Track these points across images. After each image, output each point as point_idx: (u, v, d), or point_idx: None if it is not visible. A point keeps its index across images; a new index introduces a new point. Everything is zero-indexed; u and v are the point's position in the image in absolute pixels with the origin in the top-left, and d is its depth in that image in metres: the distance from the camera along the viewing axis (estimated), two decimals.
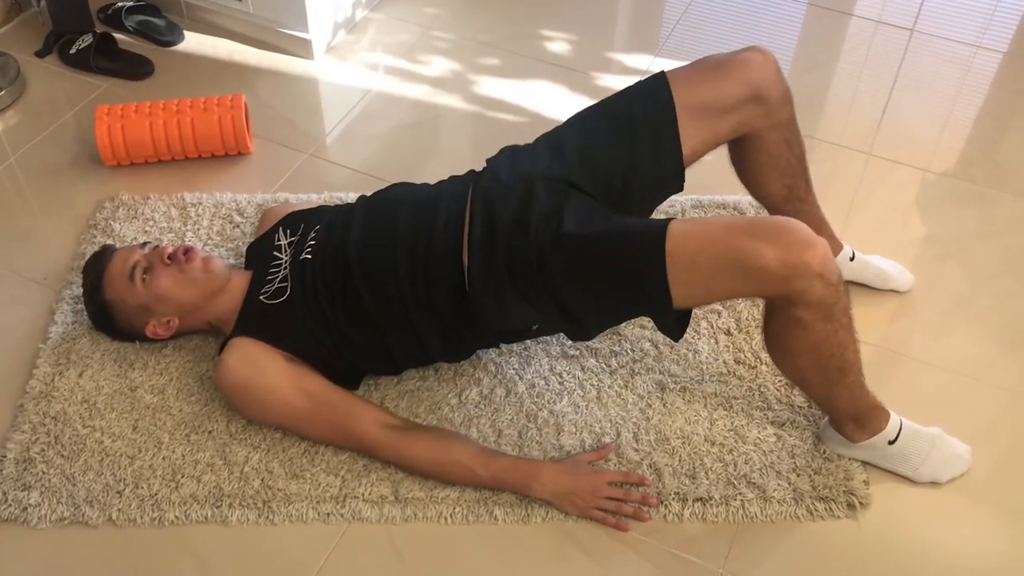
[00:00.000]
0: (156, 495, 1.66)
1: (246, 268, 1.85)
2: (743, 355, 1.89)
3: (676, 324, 1.54)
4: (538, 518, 1.65)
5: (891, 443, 1.67)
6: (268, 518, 1.65)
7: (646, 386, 1.84)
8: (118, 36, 2.64)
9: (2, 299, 2.01)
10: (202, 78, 2.59)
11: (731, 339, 1.92)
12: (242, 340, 1.69)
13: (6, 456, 1.71)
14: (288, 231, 1.82)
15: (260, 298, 1.73)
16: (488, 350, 1.87)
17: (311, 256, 1.72)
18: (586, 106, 1.75)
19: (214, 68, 2.63)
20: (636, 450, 1.73)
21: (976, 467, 1.72)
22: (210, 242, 2.11)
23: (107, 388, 1.82)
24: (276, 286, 1.73)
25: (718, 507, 1.66)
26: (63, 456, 1.71)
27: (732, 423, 1.78)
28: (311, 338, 1.69)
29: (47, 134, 2.41)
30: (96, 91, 2.53)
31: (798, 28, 2.87)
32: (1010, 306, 2.02)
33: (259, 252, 1.84)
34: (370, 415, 1.69)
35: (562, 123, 1.74)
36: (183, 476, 1.69)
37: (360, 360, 1.76)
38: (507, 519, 1.64)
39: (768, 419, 1.78)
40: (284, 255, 1.77)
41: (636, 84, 1.73)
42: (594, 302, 1.55)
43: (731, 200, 2.20)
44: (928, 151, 2.39)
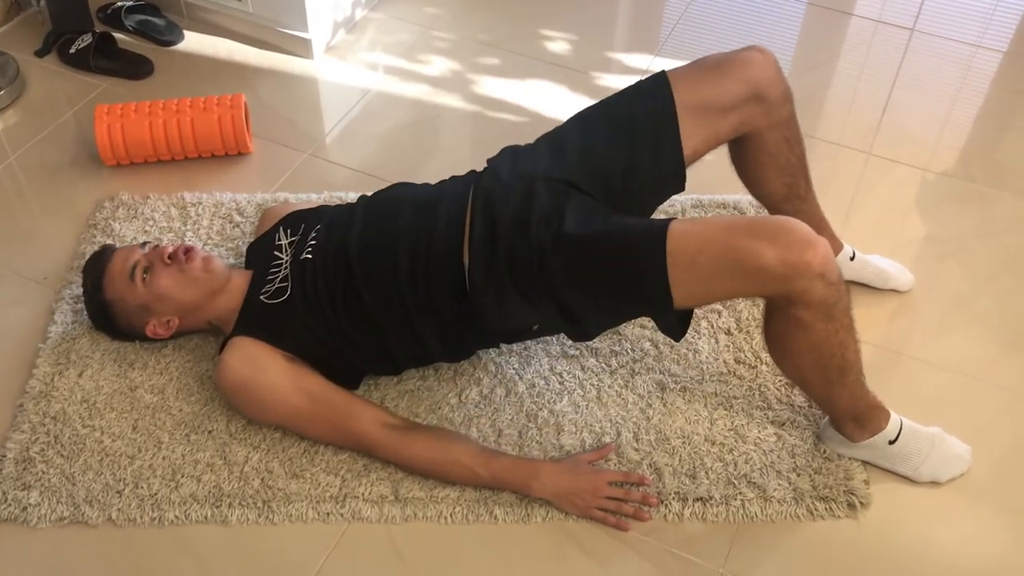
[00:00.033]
0: (156, 495, 1.66)
1: (246, 268, 1.85)
2: (743, 355, 1.89)
3: (677, 324, 1.54)
4: (538, 518, 1.65)
5: (891, 443, 1.67)
6: (268, 518, 1.65)
7: (646, 386, 1.84)
8: (118, 36, 2.64)
9: (2, 299, 2.01)
10: (202, 78, 2.59)
11: (731, 339, 1.92)
12: (242, 340, 1.68)
13: (6, 456, 1.71)
14: (289, 231, 1.82)
15: (260, 298, 1.73)
16: (488, 350, 1.87)
17: (312, 256, 1.72)
18: (586, 106, 1.75)
19: (214, 68, 2.63)
20: (636, 450, 1.73)
21: (976, 467, 1.72)
22: (210, 242, 2.11)
23: (107, 388, 1.82)
24: (277, 286, 1.73)
25: (718, 507, 1.66)
26: (63, 456, 1.71)
27: (732, 423, 1.78)
28: (311, 338, 1.69)
29: (47, 134, 2.41)
30: (96, 91, 2.53)
31: (798, 27, 2.87)
32: (1010, 306, 2.02)
33: (259, 252, 1.84)
34: (370, 415, 1.68)
35: (563, 123, 1.74)
36: (183, 476, 1.69)
37: (360, 360, 1.75)
38: (507, 519, 1.64)
39: (768, 419, 1.78)
40: (285, 255, 1.77)
41: (636, 84, 1.72)
42: (594, 302, 1.55)
43: (731, 199, 2.20)
44: (928, 150, 2.39)
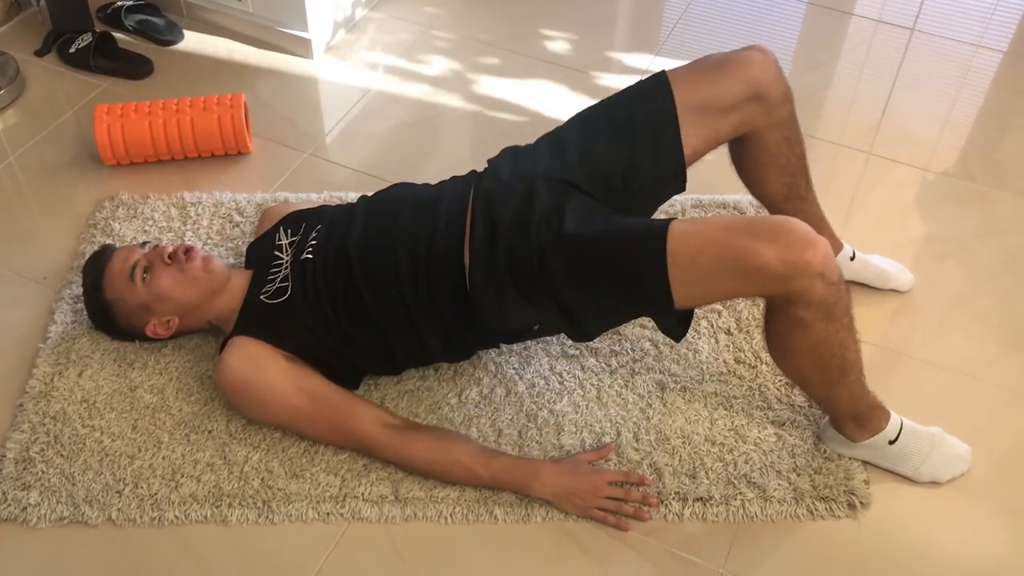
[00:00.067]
0: (156, 495, 1.66)
1: (246, 268, 1.85)
2: (743, 355, 1.89)
3: (677, 324, 1.54)
4: (538, 518, 1.65)
5: (891, 443, 1.67)
6: (268, 518, 1.64)
7: (646, 386, 1.83)
8: (117, 35, 2.64)
9: (2, 299, 2.01)
10: (202, 77, 2.59)
11: (731, 339, 1.92)
12: (242, 339, 1.68)
13: (6, 456, 1.71)
14: (289, 231, 1.82)
15: (261, 298, 1.73)
16: (488, 350, 1.87)
17: (312, 256, 1.72)
18: (587, 106, 1.75)
19: (214, 67, 2.62)
20: (636, 450, 1.73)
21: (976, 467, 1.72)
22: (210, 241, 2.11)
23: (107, 388, 1.82)
24: (277, 286, 1.73)
25: (718, 507, 1.66)
26: (63, 456, 1.71)
27: (732, 423, 1.77)
28: (312, 338, 1.69)
29: (46, 133, 2.41)
30: (95, 90, 2.53)
31: (798, 27, 2.87)
32: (1010, 305, 2.02)
33: (259, 252, 1.84)
34: (370, 415, 1.68)
35: (563, 123, 1.74)
36: (183, 476, 1.69)
37: (361, 360, 1.75)
38: (507, 519, 1.64)
39: (768, 419, 1.78)
40: (285, 255, 1.77)
41: (637, 84, 1.72)
42: (595, 302, 1.54)
43: (731, 199, 2.20)
44: (928, 150, 2.39)
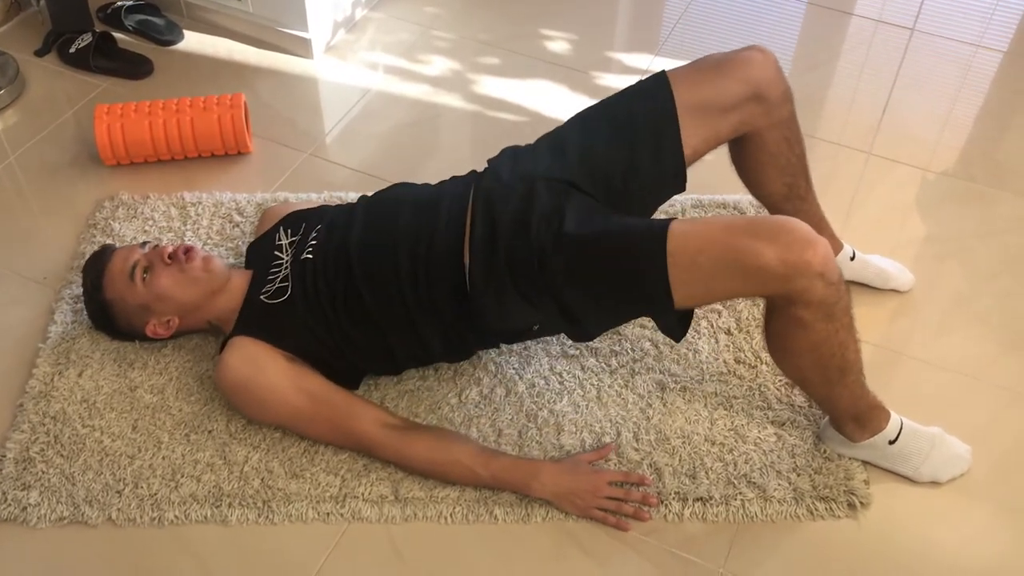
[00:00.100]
0: (156, 495, 1.66)
1: (246, 267, 1.85)
2: (743, 355, 1.89)
3: (678, 325, 1.54)
4: (538, 518, 1.64)
5: (891, 443, 1.67)
6: (268, 518, 1.64)
7: (646, 386, 1.83)
8: (117, 35, 2.64)
9: (2, 299, 2.01)
10: (202, 77, 2.59)
11: (731, 339, 1.92)
12: (242, 339, 1.68)
13: (6, 456, 1.71)
14: (289, 231, 1.82)
15: (261, 297, 1.73)
16: (488, 350, 1.87)
17: (312, 256, 1.72)
18: (587, 106, 1.75)
19: (214, 67, 2.62)
20: (636, 450, 1.73)
21: (976, 467, 1.72)
22: (210, 241, 2.11)
23: (107, 388, 1.82)
24: (277, 285, 1.73)
25: (718, 507, 1.66)
26: (63, 456, 1.71)
27: (732, 423, 1.77)
28: (312, 338, 1.69)
29: (46, 133, 2.41)
30: (95, 90, 2.53)
31: (798, 27, 2.87)
32: (1010, 305, 2.02)
33: (259, 252, 1.84)
34: (370, 414, 1.68)
35: (563, 123, 1.74)
36: (183, 476, 1.69)
37: (361, 360, 1.75)
38: (507, 519, 1.64)
39: (768, 419, 1.78)
40: (285, 255, 1.77)
41: (637, 84, 1.72)
42: (595, 302, 1.54)
43: (731, 199, 2.20)
44: (928, 150, 2.39)
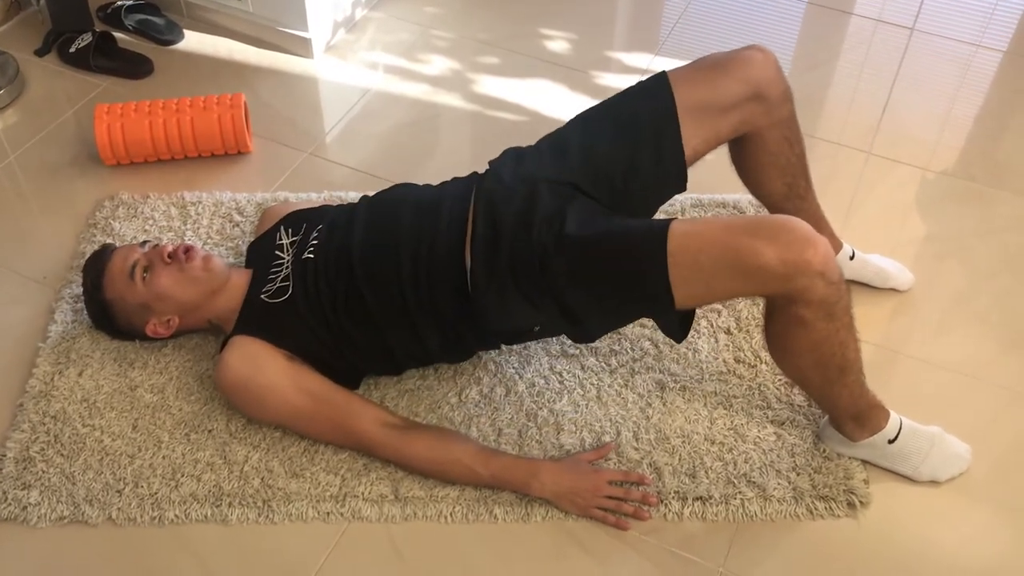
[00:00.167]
0: (156, 494, 1.66)
1: (247, 267, 1.85)
2: (743, 354, 1.89)
3: (679, 326, 1.54)
4: (538, 517, 1.65)
5: (891, 442, 1.67)
6: (268, 517, 1.65)
7: (646, 385, 1.84)
8: (117, 35, 2.64)
9: (2, 298, 2.01)
10: (202, 77, 2.59)
11: (731, 338, 1.92)
12: (243, 339, 1.68)
13: (6, 455, 1.71)
14: (290, 230, 1.82)
15: (261, 297, 1.73)
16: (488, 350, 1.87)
17: (314, 256, 1.72)
18: (587, 106, 1.75)
19: (214, 67, 2.63)
20: (636, 449, 1.73)
21: (976, 466, 1.72)
22: (210, 241, 2.11)
23: (107, 387, 1.82)
24: (278, 285, 1.73)
25: (718, 506, 1.66)
26: (63, 455, 1.71)
27: (732, 422, 1.78)
28: (312, 337, 1.69)
29: (46, 133, 2.41)
30: (96, 90, 2.53)
31: (798, 27, 2.87)
32: (1010, 304, 2.02)
33: (260, 251, 1.84)
34: (370, 414, 1.68)
35: (564, 124, 1.74)
36: (183, 475, 1.69)
37: (361, 360, 1.75)
38: (507, 518, 1.64)
39: (768, 418, 1.78)
40: (286, 254, 1.77)
41: (637, 84, 1.72)
42: (596, 303, 1.54)
43: (731, 199, 2.20)
44: (928, 150, 2.39)
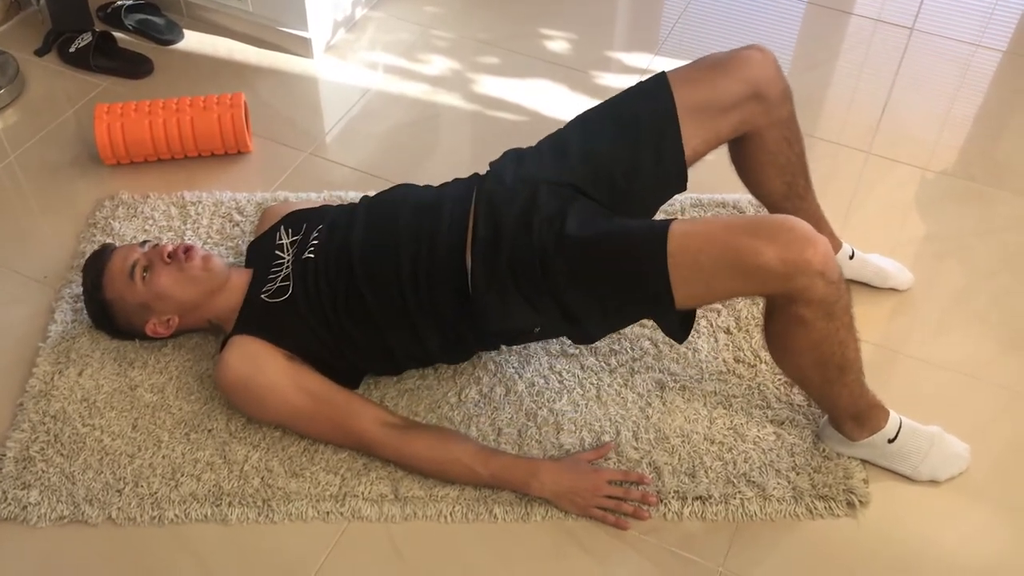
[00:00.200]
0: (156, 494, 1.66)
1: (246, 266, 1.85)
2: (743, 354, 1.89)
3: (680, 326, 1.54)
4: (538, 516, 1.65)
5: (890, 441, 1.67)
6: (268, 516, 1.65)
7: (645, 385, 1.84)
8: (117, 35, 2.64)
9: (2, 298, 2.01)
10: (202, 77, 2.59)
11: (731, 338, 1.92)
12: (242, 338, 1.69)
13: (6, 455, 1.71)
14: (290, 230, 1.82)
15: (261, 296, 1.73)
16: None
17: (314, 255, 1.72)
18: (587, 106, 1.75)
19: (214, 67, 2.63)
20: (636, 448, 1.73)
21: (975, 465, 1.72)
22: (210, 241, 2.11)
23: (107, 387, 1.82)
24: (278, 285, 1.73)
25: (717, 505, 1.66)
26: (63, 455, 1.71)
27: (731, 421, 1.78)
28: (312, 337, 1.69)
29: (46, 133, 2.41)
30: (96, 90, 2.53)
31: (797, 27, 2.87)
32: (1009, 304, 2.03)
33: (260, 251, 1.84)
34: (370, 413, 1.69)
35: (565, 125, 1.74)
36: (183, 475, 1.69)
37: (361, 360, 1.76)
38: (507, 517, 1.65)
39: (768, 417, 1.78)
40: (286, 254, 1.77)
41: (637, 85, 1.72)
42: (597, 304, 1.54)
43: (731, 199, 2.20)
44: (927, 149, 2.40)
